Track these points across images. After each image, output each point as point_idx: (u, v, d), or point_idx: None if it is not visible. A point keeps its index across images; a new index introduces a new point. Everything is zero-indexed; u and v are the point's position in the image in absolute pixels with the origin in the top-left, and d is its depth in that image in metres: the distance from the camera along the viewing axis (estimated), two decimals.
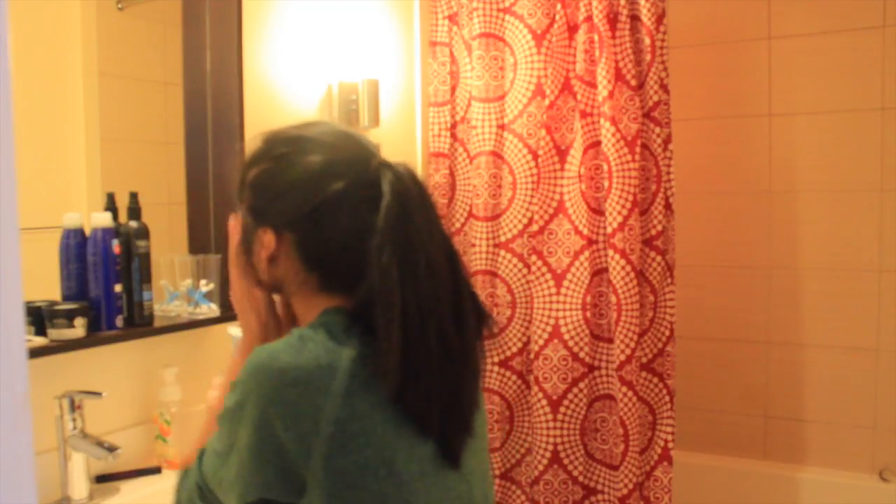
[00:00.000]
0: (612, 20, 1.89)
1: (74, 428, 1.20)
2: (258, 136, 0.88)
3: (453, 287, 0.83)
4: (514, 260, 2.07)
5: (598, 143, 1.94)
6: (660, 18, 1.89)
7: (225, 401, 0.78)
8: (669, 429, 1.95)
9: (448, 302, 0.81)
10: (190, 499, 0.83)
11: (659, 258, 1.94)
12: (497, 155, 2.08)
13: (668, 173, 1.93)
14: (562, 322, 1.97)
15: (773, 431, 2.47)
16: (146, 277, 1.35)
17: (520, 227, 2.06)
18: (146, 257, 1.35)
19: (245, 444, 0.75)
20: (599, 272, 1.95)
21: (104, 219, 1.28)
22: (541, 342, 1.98)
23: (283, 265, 0.85)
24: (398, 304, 0.76)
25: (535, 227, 2.01)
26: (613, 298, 1.89)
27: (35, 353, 1.16)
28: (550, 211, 2.01)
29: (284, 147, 0.85)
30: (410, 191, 0.81)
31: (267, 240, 0.84)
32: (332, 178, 0.81)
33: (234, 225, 0.91)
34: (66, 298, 1.26)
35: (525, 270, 2.06)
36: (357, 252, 0.80)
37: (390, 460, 0.76)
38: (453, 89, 2.16)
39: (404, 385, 0.76)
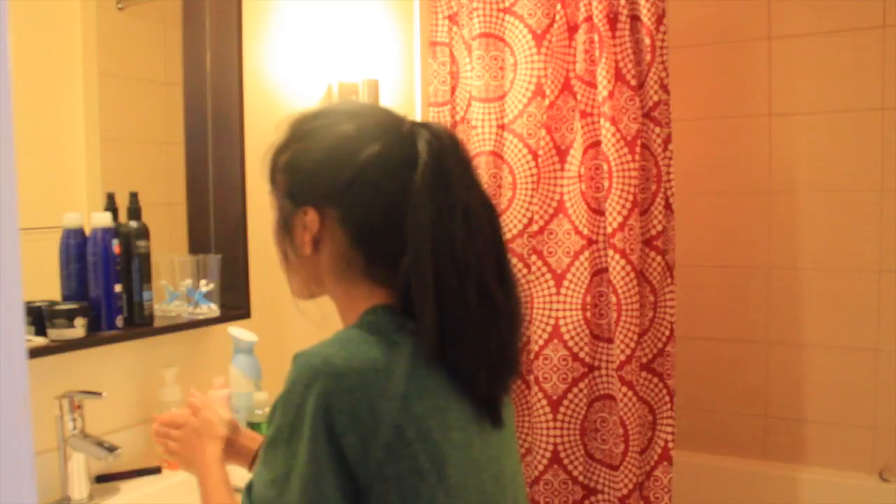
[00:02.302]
0: (612, 20, 1.89)
1: (74, 428, 1.20)
2: (281, 124, 0.85)
3: (494, 239, 0.81)
4: (514, 260, 2.06)
5: (598, 143, 1.94)
6: (660, 18, 1.89)
7: (272, 420, 0.73)
8: (669, 429, 1.95)
9: (490, 254, 0.79)
10: None
11: (659, 258, 1.94)
12: (497, 155, 2.08)
13: (668, 173, 1.93)
14: (562, 322, 1.97)
15: (773, 431, 2.47)
16: (146, 277, 1.35)
17: (520, 227, 2.06)
18: (146, 257, 1.35)
19: (305, 454, 0.70)
20: (599, 272, 1.95)
21: (104, 219, 1.28)
22: (541, 342, 1.98)
23: (328, 247, 0.81)
24: (431, 261, 0.75)
25: (535, 227, 2.01)
26: (613, 298, 1.89)
27: (35, 353, 1.16)
28: (550, 211, 2.01)
29: (313, 121, 0.84)
30: (447, 148, 0.79)
31: (310, 219, 0.81)
32: (367, 142, 0.79)
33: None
34: (66, 298, 1.26)
35: (525, 270, 2.06)
36: (401, 219, 0.77)
37: (441, 466, 0.74)
38: (453, 89, 2.16)
39: (445, 342, 0.75)
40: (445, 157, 0.79)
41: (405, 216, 0.76)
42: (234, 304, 1.56)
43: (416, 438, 0.73)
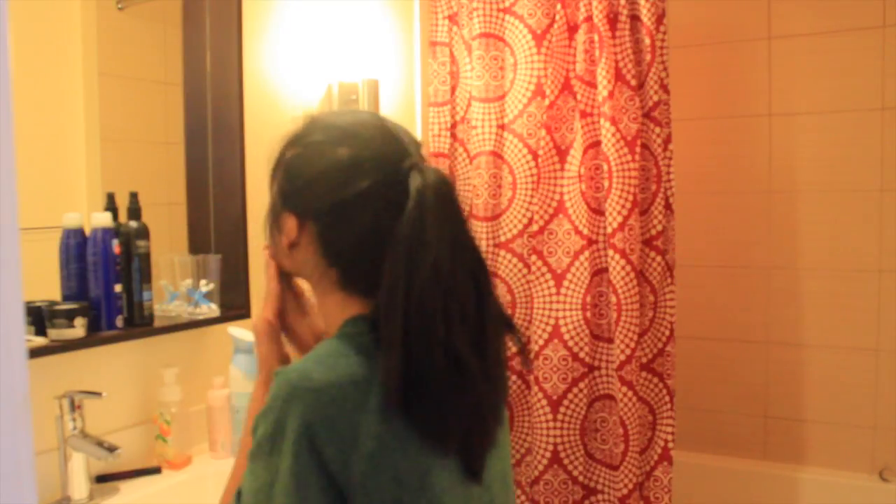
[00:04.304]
0: (612, 20, 1.89)
1: (74, 428, 1.20)
2: (302, 117, 0.86)
3: (476, 304, 0.79)
4: (514, 260, 2.07)
5: (598, 143, 1.94)
6: (660, 18, 1.89)
7: (256, 433, 0.74)
8: (669, 429, 1.95)
9: (466, 319, 0.78)
10: None
11: (659, 258, 1.94)
12: (497, 155, 2.08)
13: (668, 173, 1.93)
14: (562, 322, 1.97)
15: (773, 431, 2.47)
16: (146, 277, 1.35)
17: (520, 227, 2.06)
18: (146, 257, 1.35)
19: (287, 469, 0.71)
20: (599, 272, 1.95)
21: (104, 219, 1.28)
22: (541, 342, 1.98)
23: (304, 254, 0.83)
24: (401, 319, 0.74)
25: (535, 227, 2.01)
26: (613, 298, 1.89)
27: (35, 353, 1.16)
28: (550, 211, 2.01)
29: (320, 134, 0.84)
30: (436, 199, 0.77)
31: (289, 226, 0.83)
32: (359, 175, 0.79)
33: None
34: (66, 298, 1.26)
35: (525, 270, 2.06)
36: (376, 254, 0.77)
37: (424, 474, 0.74)
38: (453, 89, 2.16)
39: (409, 401, 0.74)
40: (431, 210, 0.76)
41: (385, 257, 0.76)
42: (234, 304, 1.56)
43: (397, 448, 0.73)
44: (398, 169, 0.79)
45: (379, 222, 0.78)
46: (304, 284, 0.92)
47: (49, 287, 1.26)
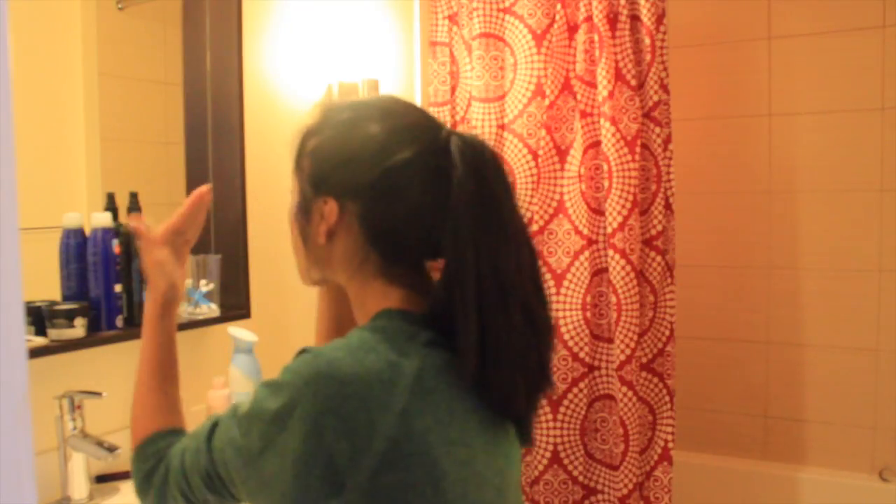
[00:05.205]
0: (612, 20, 1.89)
1: (74, 428, 1.20)
2: (314, 108, 0.84)
3: (531, 258, 0.79)
4: None
5: (598, 143, 1.94)
6: (660, 18, 1.89)
7: (261, 399, 0.72)
8: (669, 429, 1.95)
9: (529, 273, 0.77)
10: (187, 476, 0.77)
11: (659, 258, 1.94)
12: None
13: (668, 173, 1.93)
14: (562, 322, 1.97)
15: (773, 431, 2.47)
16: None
17: None
18: None
19: (291, 451, 0.70)
20: (599, 272, 1.95)
21: (104, 219, 1.28)
22: None
23: (343, 241, 0.79)
24: (473, 282, 0.73)
25: (535, 227, 2.01)
26: (613, 298, 1.89)
27: (35, 353, 1.16)
28: (550, 211, 2.01)
29: (347, 112, 0.81)
30: (485, 161, 0.76)
31: (328, 210, 0.78)
32: (400, 145, 0.76)
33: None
34: (66, 298, 1.26)
35: None
36: (424, 226, 0.76)
37: (438, 480, 0.72)
38: (453, 89, 2.16)
39: (484, 364, 0.73)
40: (486, 172, 0.76)
41: (438, 229, 0.74)
42: (234, 304, 1.56)
43: (413, 453, 0.71)
44: (437, 136, 0.78)
45: (426, 191, 0.76)
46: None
47: (49, 287, 1.26)
